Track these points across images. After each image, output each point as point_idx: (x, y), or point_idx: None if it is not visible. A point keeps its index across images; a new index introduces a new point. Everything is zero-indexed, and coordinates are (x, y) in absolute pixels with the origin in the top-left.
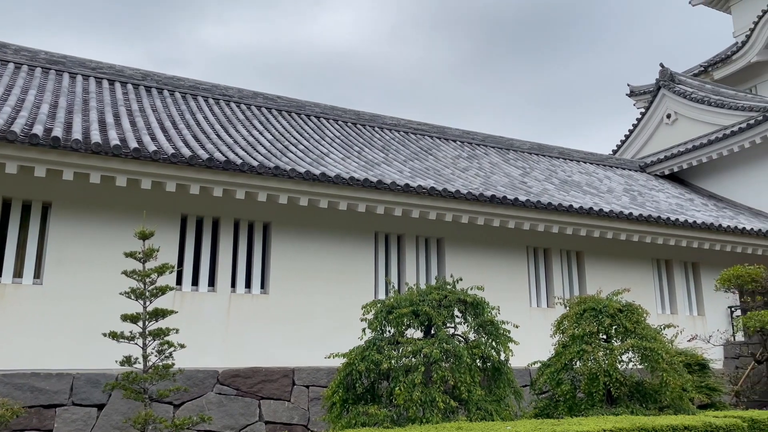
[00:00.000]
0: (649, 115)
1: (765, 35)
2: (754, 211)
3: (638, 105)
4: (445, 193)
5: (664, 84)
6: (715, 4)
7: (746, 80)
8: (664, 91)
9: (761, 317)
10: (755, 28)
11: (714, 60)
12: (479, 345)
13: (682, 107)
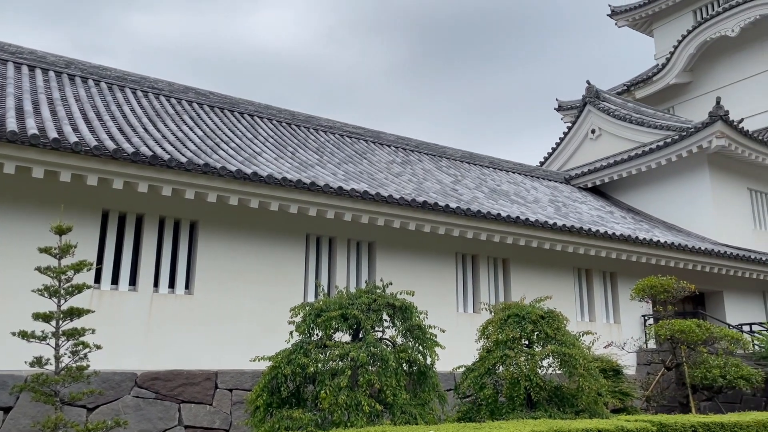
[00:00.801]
0: (575, 129)
1: (683, 59)
2: (668, 225)
3: (565, 119)
4: (378, 198)
5: (589, 100)
6: (639, 27)
7: (665, 100)
8: (589, 108)
9: (671, 326)
10: (675, 51)
11: (636, 80)
12: (406, 349)
13: (606, 123)
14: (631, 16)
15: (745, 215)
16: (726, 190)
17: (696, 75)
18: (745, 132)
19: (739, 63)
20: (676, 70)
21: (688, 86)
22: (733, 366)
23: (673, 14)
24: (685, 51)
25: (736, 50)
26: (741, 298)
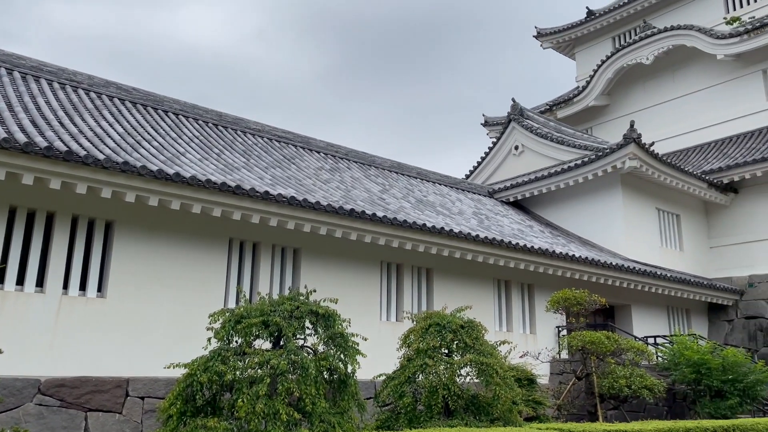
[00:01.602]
0: (500, 145)
1: (602, 83)
2: (583, 240)
3: (491, 134)
4: (305, 204)
5: (514, 118)
6: (562, 50)
7: (584, 121)
8: (514, 124)
9: (583, 337)
10: (594, 75)
11: (558, 100)
12: (327, 357)
13: (529, 141)
14: (555, 39)
15: (653, 233)
16: (636, 209)
17: (613, 99)
18: (655, 155)
19: (652, 89)
20: (595, 93)
21: (605, 109)
22: (638, 376)
23: (593, 40)
24: (603, 75)
25: (650, 77)
26: (647, 312)
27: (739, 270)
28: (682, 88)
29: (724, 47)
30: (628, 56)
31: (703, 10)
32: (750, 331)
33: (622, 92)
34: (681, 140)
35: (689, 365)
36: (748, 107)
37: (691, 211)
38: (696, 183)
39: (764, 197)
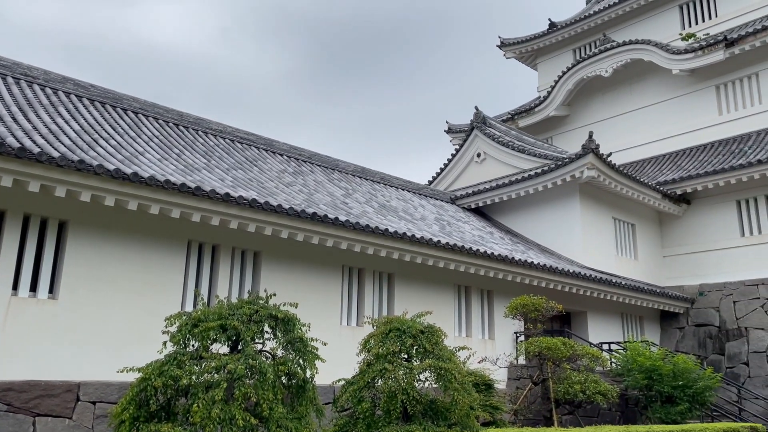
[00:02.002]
0: (463, 152)
1: (562, 94)
2: (542, 248)
3: (454, 141)
4: (266, 207)
5: (477, 126)
6: (525, 60)
7: (545, 131)
8: (476, 132)
9: (540, 343)
10: (555, 86)
11: (520, 109)
12: (286, 362)
13: (491, 149)
14: (518, 49)
15: (609, 242)
16: (594, 217)
17: (573, 109)
18: (612, 165)
19: (611, 101)
20: (556, 103)
21: (565, 119)
22: (592, 382)
23: (555, 51)
24: (564, 86)
25: (609, 89)
26: (602, 319)
27: (690, 279)
28: (639, 101)
29: (680, 62)
30: (588, 68)
31: (660, 26)
32: (700, 338)
33: (582, 103)
34: (637, 151)
35: (641, 371)
36: (702, 121)
37: (645, 221)
38: (651, 194)
39: (715, 209)
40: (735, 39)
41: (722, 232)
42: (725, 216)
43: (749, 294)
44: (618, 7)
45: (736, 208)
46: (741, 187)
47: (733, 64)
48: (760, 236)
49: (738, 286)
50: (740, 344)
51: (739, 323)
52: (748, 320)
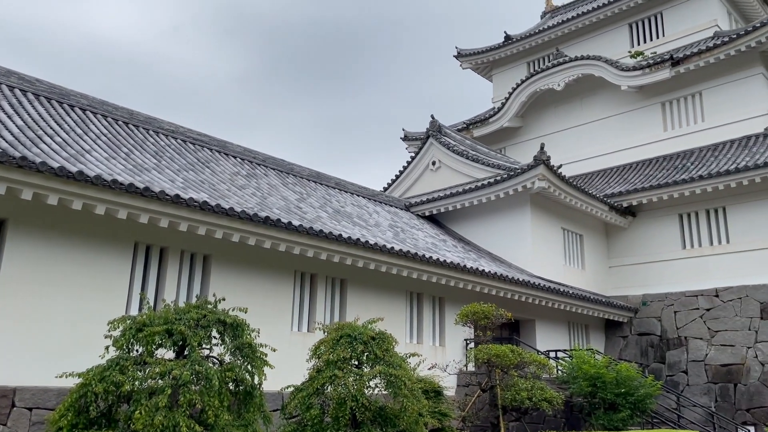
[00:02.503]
0: (418, 159)
1: (516, 105)
2: (493, 256)
3: (410, 149)
4: (218, 209)
5: (432, 134)
6: (481, 71)
7: (499, 141)
8: (432, 141)
9: (489, 350)
10: (509, 97)
11: (475, 119)
12: (234, 368)
13: (446, 157)
14: (474, 60)
15: (558, 252)
16: (544, 227)
17: (526, 121)
18: (563, 177)
19: (563, 114)
20: (509, 114)
21: (519, 130)
22: (539, 389)
23: (510, 63)
24: (517, 98)
25: (561, 103)
26: (550, 327)
27: (634, 289)
28: (589, 115)
29: (628, 79)
30: (541, 81)
31: (611, 43)
32: (642, 347)
33: (535, 115)
34: (587, 164)
35: (586, 379)
36: (648, 136)
37: (593, 232)
38: (599, 205)
39: (658, 221)
40: (680, 58)
41: (665, 245)
42: (668, 229)
43: (689, 304)
44: (571, 23)
45: (679, 221)
46: (683, 202)
47: (678, 82)
48: (700, 249)
49: (679, 296)
50: (680, 353)
51: (679, 333)
52: (687, 330)
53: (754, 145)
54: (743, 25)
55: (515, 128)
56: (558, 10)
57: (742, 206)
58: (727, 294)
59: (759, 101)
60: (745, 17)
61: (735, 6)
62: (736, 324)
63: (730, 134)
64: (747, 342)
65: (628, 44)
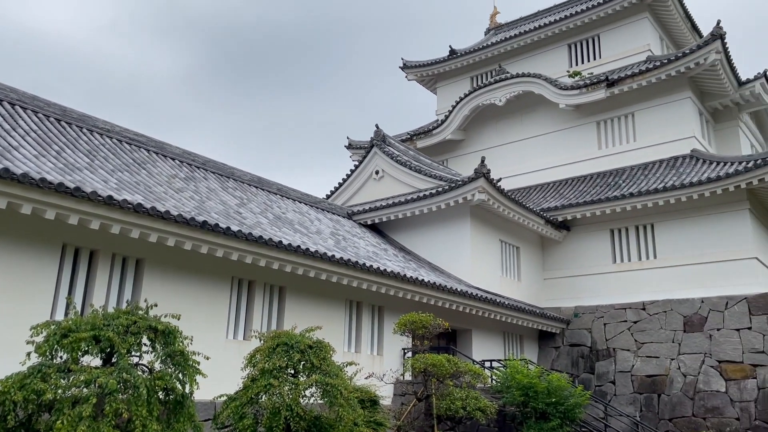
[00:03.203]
0: (362, 168)
1: (459, 119)
2: (433, 266)
3: (354, 157)
4: (153, 212)
5: (376, 143)
6: (426, 83)
7: (441, 153)
8: (376, 150)
9: (426, 360)
10: (452, 111)
11: (419, 130)
12: (164, 376)
13: (389, 167)
14: (419, 72)
15: (495, 263)
16: (482, 239)
17: (468, 134)
18: (502, 190)
19: (503, 129)
20: (452, 127)
21: (461, 143)
22: (473, 398)
23: (454, 77)
24: (460, 112)
25: (502, 118)
26: (486, 337)
27: (567, 301)
28: (528, 131)
29: (566, 98)
30: (483, 96)
31: (551, 62)
32: (573, 357)
33: (477, 129)
34: (525, 178)
35: (519, 388)
36: (583, 154)
37: (529, 245)
38: (535, 219)
39: (590, 236)
40: (615, 80)
41: (597, 259)
42: (600, 243)
43: (618, 317)
44: (513, 41)
45: (610, 236)
46: (614, 218)
47: (612, 103)
48: (630, 264)
49: (608, 309)
50: (608, 364)
51: (608, 344)
52: (616, 341)
53: (681, 166)
54: (674, 50)
55: (458, 141)
56: (501, 28)
57: (668, 223)
58: (654, 307)
59: (687, 124)
60: (675, 43)
61: (667, 32)
62: (661, 336)
63: (660, 154)
64: (671, 354)
65: (567, 64)
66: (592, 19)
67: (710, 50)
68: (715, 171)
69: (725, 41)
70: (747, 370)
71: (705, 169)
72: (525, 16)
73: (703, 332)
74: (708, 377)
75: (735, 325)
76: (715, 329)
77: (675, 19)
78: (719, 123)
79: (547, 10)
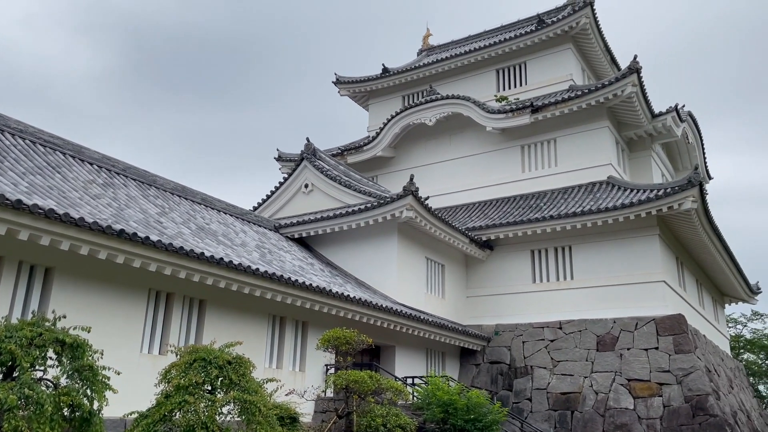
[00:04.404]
0: (291, 181)
1: (390, 136)
2: (359, 282)
3: (283, 170)
4: (66, 218)
5: (307, 157)
6: (358, 100)
7: (372, 169)
8: (306, 163)
9: (348, 376)
10: (384, 128)
11: (350, 146)
12: (70, 392)
13: (319, 181)
14: (352, 88)
15: (421, 280)
16: (409, 256)
17: (398, 152)
18: (429, 208)
19: (433, 149)
20: (383, 144)
21: (391, 160)
22: (394, 415)
23: (386, 95)
24: (391, 130)
25: (432, 137)
26: (409, 353)
27: (488, 319)
28: (457, 151)
29: (493, 121)
30: (414, 116)
31: (480, 85)
32: (493, 374)
33: (407, 147)
34: (453, 197)
35: (439, 405)
36: (508, 176)
37: (454, 263)
38: (460, 238)
39: (512, 256)
40: (539, 107)
41: (518, 278)
42: (521, 263)
43: (536, 335)
44: (444, 63)
45: (531, 257)
46: (535, 239)
47: (536, 128)
48: (548, 284)
49: (527, 327)
50: (526, 381)
51: (526, 362)
52: (533, 359)
53: (598, 191)
54: (595, 81)
55: (388, 158)
56: (434, 49)
57: (585, 246)
58: (569, 326)
59: (604, 151)
60: (596, 75)
61: (588, 64)
62: (576, 355)
63: (579, 180)
64: (584, 372)
65: (495, 88)
66: (519, 46)
67: (627, 83)
68: (629, 197)
69: (641, 75)
70: (654, 388)
71: (620, 196)
72: (456, 39)
73: (615, 351)
74: (618, 395)
75: (644, 345)
76: (625, 348)
77: (596, 51)
78: (633, 152)
79: (478, 36)
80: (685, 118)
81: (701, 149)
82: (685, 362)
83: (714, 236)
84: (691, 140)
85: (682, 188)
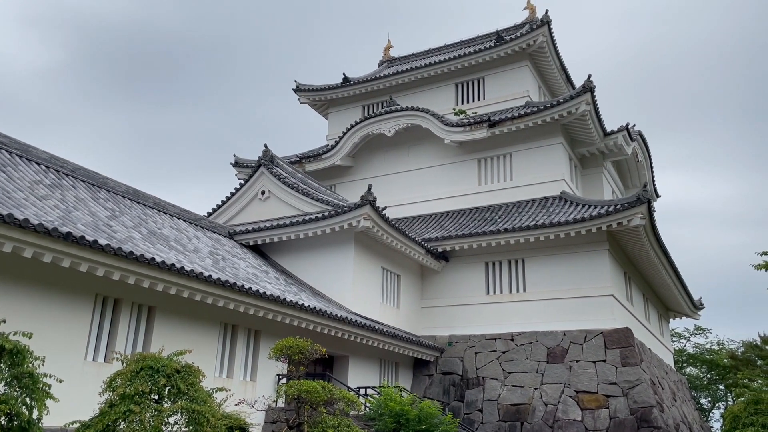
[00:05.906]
0: (247, 187)
1: (349, 146)
2: (314, 291)
3: (240, 176)
4: (9, 219)
5: (264, 163)
6: (318, 108)
7: (330, 177)
8: (263, 170)
9: (300, 386)
10: (343, 137)
11: (308, 154)
12: (8, 400)
13: (276, 188)
14: (312, 96)
15: (376, 290)
16: (365, 265)
17: (357, 161)
18: (386, 218)
19: (392, 159)
20: (342, 153)
21: (350, 169)
22: (345, 426)
23: (346, 104)
24: (350, 139)
25: (391, 148)
26: (363, 363)
27: (442, 329)
28: (415, 162)
29: (451, 134)
30: (373, 126)
31: (439, 98)
32: (445, 385)
33: (366, 157)
34: (410, 208)
35: (391, 416)
36: (464, 188)
37: (410, 273)
38: (417, 248)
39: (467, 267)
40: (496, 121)
41: (472, 289)
42: (475, 275)
43: (488, 347)
44: (405, 75)
45: (485, 268)
46: (490, 251)
47: (493, 142)
48: (501, 296)
49: (480, 339)
50: (477, 392)
51: (478, 373)
52: (485, 370)
53: (551, 206)
54: (550, 98)
55: (347, 167)
56: (394, 61)
57: (538, 259)
58: (521, 338)
59: (558, 167)
60: (552, 92)
61: (544, 81)
62: (527, 366)
63: (533, 194)
64: (534, 383)
65: (453, 102)
66: (478, 62)
67: (581, 101)
68: (581, 213)
69: (594, 94)
70: (601, 400)
71: (572, 211)
72: (417, 52)
73: (564, 363)
74: (566, 406)
75: (592, 357)
76: (574, 361)
77: (552, 69)
78: (586, 168)
79: (438, 49)
80: (636, 137)
81: (650, 168)
82: (631, 375)
83: (661, 252)
84: (640, 159)
85: (632, 205)
